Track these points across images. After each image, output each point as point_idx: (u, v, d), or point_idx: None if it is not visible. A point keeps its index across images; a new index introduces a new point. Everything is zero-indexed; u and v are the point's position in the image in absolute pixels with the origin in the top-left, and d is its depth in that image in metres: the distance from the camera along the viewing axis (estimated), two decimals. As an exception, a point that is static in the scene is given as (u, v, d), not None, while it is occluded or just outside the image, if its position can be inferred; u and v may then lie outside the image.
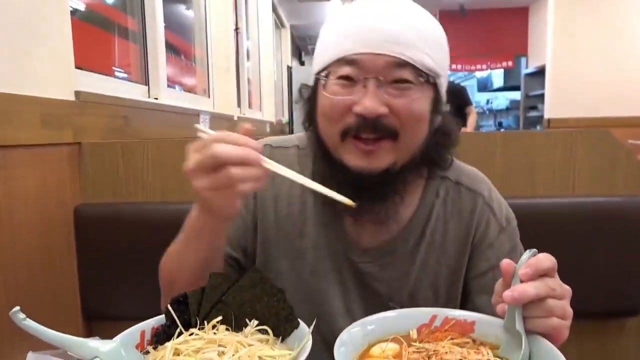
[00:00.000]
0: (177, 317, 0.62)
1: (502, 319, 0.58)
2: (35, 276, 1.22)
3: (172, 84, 2.65)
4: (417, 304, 0.79)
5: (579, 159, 1.35)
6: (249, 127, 0.64)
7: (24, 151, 1.17)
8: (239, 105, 4.29)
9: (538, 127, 6.63)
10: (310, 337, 0.58)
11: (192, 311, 0.64)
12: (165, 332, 0.62)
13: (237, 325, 0.63)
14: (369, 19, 0.69)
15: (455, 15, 7.93)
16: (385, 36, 0.67)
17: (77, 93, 1.38)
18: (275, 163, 0.65)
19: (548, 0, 5.00)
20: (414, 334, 0.61)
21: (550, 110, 4.86)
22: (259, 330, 0.62)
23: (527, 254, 0.57)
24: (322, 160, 0.76)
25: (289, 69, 7.84)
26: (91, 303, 1.39)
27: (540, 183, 1.36)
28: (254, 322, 0.63)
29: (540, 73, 6.21)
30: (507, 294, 0.54)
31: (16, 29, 1.16)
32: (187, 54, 3.12)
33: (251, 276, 0.65)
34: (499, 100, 10.77)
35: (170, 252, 0.77)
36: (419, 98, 0.69)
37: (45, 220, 1.26)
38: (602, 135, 1.35)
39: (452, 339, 0.58)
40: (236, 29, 4.11)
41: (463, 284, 0.82)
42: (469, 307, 0.81)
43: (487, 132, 1.43)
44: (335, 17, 0.75)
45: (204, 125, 2.58)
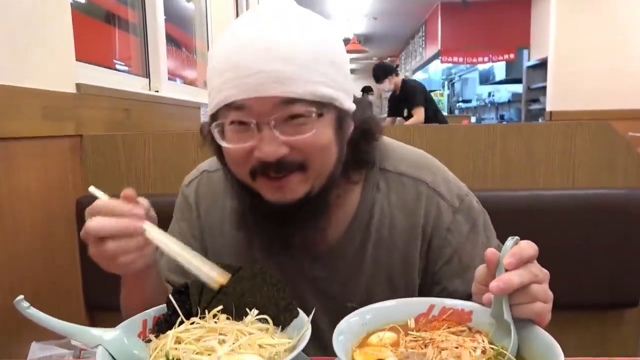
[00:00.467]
0: (179, 306, 0.63)
1: (486, 307, 0.59)
2: (39, 268, 1.23)
3: (172, 76, 2.65)
4: (375, 300, 0.75)
5: (579, 151, 1.35)
6: (130, 192, 0.64)
7: (26, 143, 1.18)
8: (240, 98, 4.28)
9: (540, 119, 6.61)
10: (310, 326, 0.59)
11: (194, 301, 0.65)
12: (167, 321, 0.63)
13: (237, 315, 0.64)
14: (248, 59, 0.64)
15: (457, 6, 7.88)
16: (267, 78, 0.63)
17: (78, 85, 1.39)
18: (158, 232, 0.64)
19: (551, -8, 4.97)
20: (411, 323, 0.62)
21: (552, 103, 4.84)
22: (259, 320, 0.63)
23: (509, 241, 0.58)
24: (242, 194, 0.75)
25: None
26: (94, 293, 1.40)
27: (540, 175, 1.37)
28: (254, 311, 0.63)
29: (542, 65, 6.18)
30: (494, 284, 0.55)
31: (17, 23, 1.16)
32: (187, 46, 3.11)
33: (251, 267, 0.66)
34: (501, 93, 10.72)
35: (121, 292, 0.80)
36: (318, 128, 0.66)
37: (48, 212, 1.27)
38: (602, 128, 1.35)
39: (448, 327, 0.59)
40: (237, 21, 4.09)
41: (433, 274, 0.81)
42: (443, 294, 0.79)
43: (487, 124, 1.42)
44: (217, 48, 0.69)
45: (204, 116, 2.59)
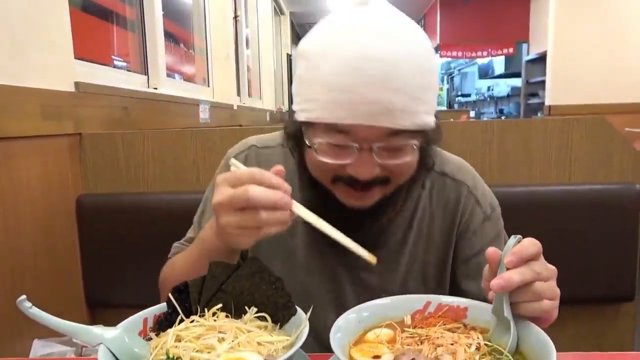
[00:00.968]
0: (179, 305, 0.64)
1: (491, 304, 0.60)
2: (40, 266, 1.24)
3: (171, 72, 2.65)
4: (409, 294, 0.82)
5: (576, 146, 1.36)
6: (281, 168, 0.64)
7: (25, 142, 1.19)
8: (238, 94, 4.28)
9: (539, 114, 6.60)
10: (308, 323, 0.59)
11: (193, 299, 0.66)
12: (167, 320, 0.64)
13: (236, 313, 0.64)
14: (364, 85, 0.63)
15: (456, 1, 7.86)
16: (379, 108, 0.63)
17: (76, 84, 1.39)
18: (303, 208, 0.65)
19: (550, -14, 4.95)
20: (408, 320, 0.63)
21: (551, 97, 4.84)
22: (258, 318, 0.64)
23: (512, 240, 0.58)
24: (310, 188, 0.76)
25: (289, 56, 7.80)
26: (94, 291, 1.41)
27: (537, 171, 1.37)
28: (253, 309, 0.64)
29: (541, 59, 6.17)
30: (494, 282, 0.55)
31: (15, 21, 1.16)
32: (186, 42, 3.11)
33: (250, 265, 0.67)
34: (500, 87, 10.71)
35: (177, 264, 0.79)
36: (411, 154, 0.69)
37: (48, 211, 1.28)
38: (598, 123, 1.35)
39: (444, 324, 0.60)
40: (235, 17, 4.08)
41: (452, 272, 0.84)
42: (456, 292, 0.83)
43: (485, 120, 1.43)
44: (328, 52, 0.66)
45: (203, 113, 2.59)
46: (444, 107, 12.07)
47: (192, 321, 0.61)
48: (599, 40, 4.57)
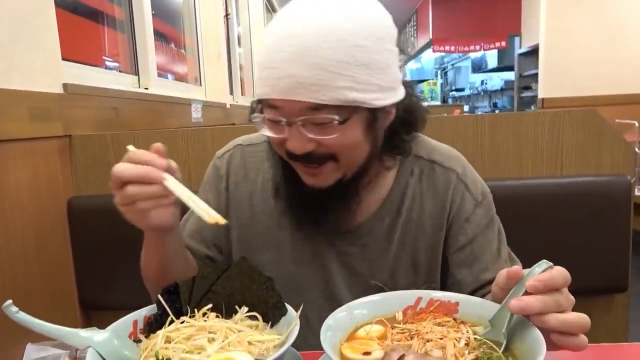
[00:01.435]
0: (169, 306, 0.64)
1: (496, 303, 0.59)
2: (32, 269, 1.23)
3: (163, 72, 2.64)
4: (398, 281, 0.83)
5: (567, 139, 1.36)
6: (160, 145, 0.67)
7: (14, 145, 1.17)
8: (231, 92, 4.27)
9: (532, 107, 6.63)
10: (298, 321, 0.59)
11: (184, 300, 0.65)
12: (157, 321, 0.63)
13: (227, 314, 0.64)
14: (282, 60, 0.66)
15: (448, -5, 7.86)
16: (295, 83, 0.65)
17: (65, 85, 1.38)
18: (175, 182, 0.65)
19: (540, -21, 4.95)
20: (399, 316, 0.63)
21: (544, 90, 4.85)
22: (249, 317, 0.63)
23: (542, 265, 0.56)
24: (283, 166, 0.78)
25: (282, 54, 7.74)
26: (88, 294, 1.40)
27: (528, 164, 1.38)
28: (244, 308, 0.64)
29: (533, 53, 6.19)
30: (514, 303, 0.54)
31: (0, 23, 1.15)
32: (176, 41, 3.09)
33: (240, 266, 0.67)
34: (494, 81, 10.75)
35: (142, 253, 0.82)
36: (343, 131, 0.68)
37: (39, 214, 1.27)
38: (589, 115, 1.36)
39: (434, 319, 0.60)
40: (226, 15, 4.06)
41: (443, 259, 0.84)
42: (449, 281, 0.84)
43: (476, 114, 1.43)
44: (268, 31, 0.71)
45: (196, 112, 2.58)
46: (438, 102, 12.10)
47: (182, 322, 0.61)
48: (591, 32, 4.59)
